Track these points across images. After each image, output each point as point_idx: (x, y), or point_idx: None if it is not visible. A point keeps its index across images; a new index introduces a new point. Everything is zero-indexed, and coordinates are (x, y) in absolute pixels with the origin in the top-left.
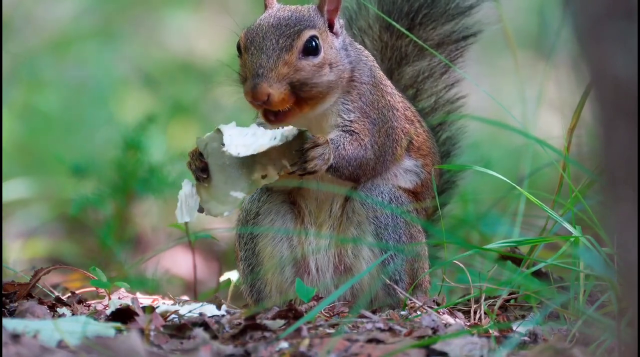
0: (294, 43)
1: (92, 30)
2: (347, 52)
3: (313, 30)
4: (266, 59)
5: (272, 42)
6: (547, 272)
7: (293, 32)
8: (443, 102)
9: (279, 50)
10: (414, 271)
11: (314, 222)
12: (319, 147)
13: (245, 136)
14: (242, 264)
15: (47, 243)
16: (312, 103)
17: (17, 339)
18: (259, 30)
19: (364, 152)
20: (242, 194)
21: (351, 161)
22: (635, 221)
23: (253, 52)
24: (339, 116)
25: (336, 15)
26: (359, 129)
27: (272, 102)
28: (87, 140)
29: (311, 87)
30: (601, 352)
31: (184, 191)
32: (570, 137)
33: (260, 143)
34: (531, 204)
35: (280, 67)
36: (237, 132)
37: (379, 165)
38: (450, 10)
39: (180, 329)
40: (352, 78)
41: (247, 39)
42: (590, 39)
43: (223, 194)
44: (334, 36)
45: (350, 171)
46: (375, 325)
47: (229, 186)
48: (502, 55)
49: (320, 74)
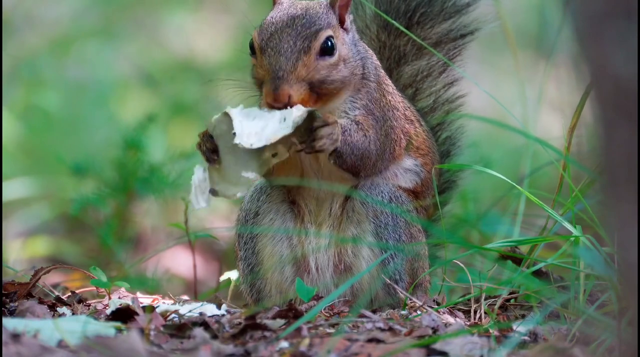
0: (311, 44)
1: (92, 30)
2: (357, 48)
3: (328, 30)
4: (285, 61)
5: (290, 44)
6: (548, 271)
7: (310, 33)
8: (442, 102)
9: (297, 52)
10: (414, 271)
11: (313, 222)
12: (328, 127)
13: (254, 120)
14: (242, 264)
15: (47, 243)
16: (326, 99)
17: (17, 338)
18: (275, 30)
19: (367, 144)
20: (253, 174)
21: (354, 150)
22: (635, 221)
23: (270, 54)
24: (343, 112)
25: (347, 11)
26: (363, 122)
27: (292, 103)
28: (87, 140)
29: (329, 84)
30: (601, 351)
31: (196, 176)
32: (571, 137)
33: (271, 130)
34: (531, 204)
35: (300, 69)
36: (245, 114)
37: (379, 162)
38: (447, 9)
39: (181, 328)
40: (362, 75)
41: (262, 40)
42: (591, 39)
43: (235, 175)
44: (344, 32)
45: (353, 161)
46: (376, 324)
47: (239, 166)
48: (502, 55)
49: (336, 71)
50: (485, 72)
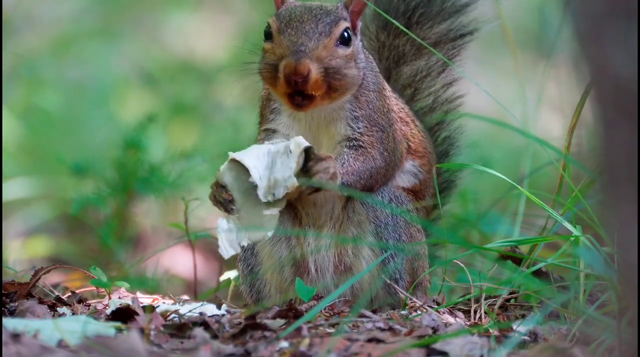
0: (332, 29)
1: (92, 30)
2: (361, 56)
3: (347, 23)
4: (307, 39)
5: (312, 25)
6: (548, 271)
7: (331, 20)
8: (441, 101)
9: (319, 33)
10: (414, 270)
11: (312, 224)
12: (323, 162)
13: (263, 158)
14: (241, 265)
15: (47, 242)
16: (334, 95)
17: (17, 338)
18: (295, 14)
19: (373, 163)
20: (275, 210)
21: (361, 174)
22: (635, 221)
23: (291, 33)
24: (347, 126)
25: (358, 18)
26: (368, 142)
27: (310, 80)
28: (87, 140)
29: (341, 77)
30: (601, 351)
31: (221, 228)
32: (571, 137)
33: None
34: (531, 204)
35: (321, 49)
36: (254, 157)
37: (389, 170)
38: (446, 9)
39: (181, 328)
40: (361, 84)
41: (282, 22)
42: (591, 38)
43: (258, 216)
44: (355, 37)
45: (363, 184)
46: (376, 324)
47: (260, 206)
48: (501, 55)
49: (350, 65)
50: (484, 72)
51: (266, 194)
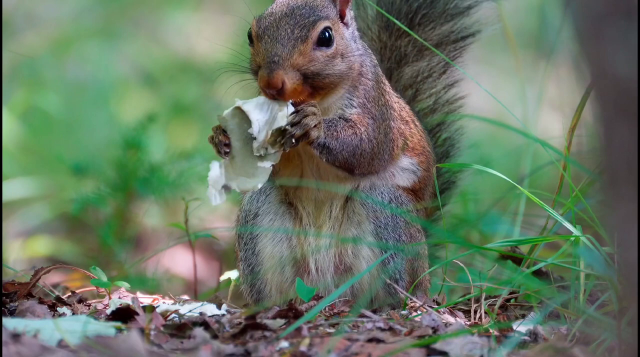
0: (309, 34)
1: (92, 30)
2: (356, 45)
3: (327, 21)
4: (281, 48)
5: (287, 31)
6: (548, 271)
7: (308, 22)
8: (442, 103)
9: (294, 40)
10: (414, 270)
11: (312, 223)
12: (313, 107)
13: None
14: (242, 264)
15: (47, 242)
16: (323, 93)
17: (17, 338)
18: (273, 19)
19: (359, 141)
20: (269, 163)
21: (345, 146)
22: (635, 220)
23: (267, 41)
24: (340, 109)
25: (347, 6)
26: (357, 119)
27: (286, 90)
28: (87, 140)
29: (324, 77)
30: (601, 351)
31: (212, 173)
32: (571, 137)
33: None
34: (531, 204)
35: (296, 57)
36: (255, 106)
37: (376, 161)
38: (449, 11)
39: (181, 328)
40: (360, 72)
41: (260, 28)
42: (591, 38)
43: (251, 167)
44: (344, 27)
45: (345, 157)
46: (376, 324)
47: (254, 158)
48: (502, 55)
49: (333, 64)
50: (485, 72)
51: (259, 148)
